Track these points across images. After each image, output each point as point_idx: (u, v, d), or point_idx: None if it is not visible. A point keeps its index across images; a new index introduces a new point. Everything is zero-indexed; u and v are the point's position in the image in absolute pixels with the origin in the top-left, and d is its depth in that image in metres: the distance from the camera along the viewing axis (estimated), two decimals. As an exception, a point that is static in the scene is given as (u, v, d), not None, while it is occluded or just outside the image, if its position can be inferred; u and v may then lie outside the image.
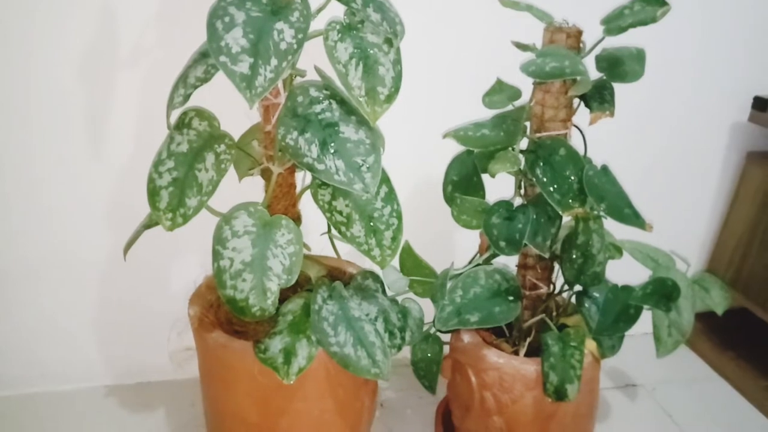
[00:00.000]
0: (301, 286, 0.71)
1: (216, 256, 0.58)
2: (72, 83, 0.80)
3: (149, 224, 0.63)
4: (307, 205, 0.68)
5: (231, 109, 0.61)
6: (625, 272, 0.76)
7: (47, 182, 0.84)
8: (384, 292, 0.73)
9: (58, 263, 0.88)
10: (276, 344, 0.62)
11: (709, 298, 0.82)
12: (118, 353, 0.94)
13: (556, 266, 0.74)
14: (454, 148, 0.73)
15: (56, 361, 0.93)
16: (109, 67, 0.80)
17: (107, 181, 0.85)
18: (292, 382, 0.59)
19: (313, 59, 0.62)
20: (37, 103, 0.80)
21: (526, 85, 0.67)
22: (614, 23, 0.57)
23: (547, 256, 0.68)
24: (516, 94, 0.70)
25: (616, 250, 0.80)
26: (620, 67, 0.60)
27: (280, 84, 0.59)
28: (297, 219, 0.70)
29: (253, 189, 0.70)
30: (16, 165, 0.83)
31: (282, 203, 0.67)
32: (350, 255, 0.77)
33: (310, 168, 0.55)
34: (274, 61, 0.49)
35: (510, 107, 0.70)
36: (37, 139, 0.82)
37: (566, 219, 0.68)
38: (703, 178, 1.05)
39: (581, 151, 0.66)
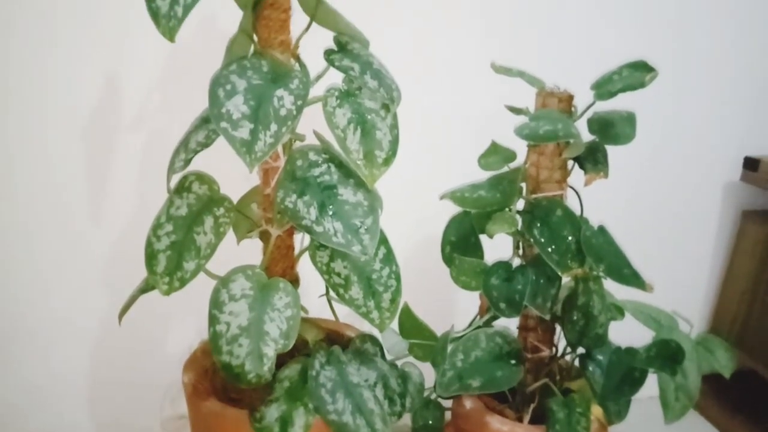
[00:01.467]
0: (298, 350, 0.70)
1: (212, 320, 0.57)
2: (74, 144, 0.81)
3: (145, 289, 0.62)
4: (305, 267, 0.68)
5: (231, 172, 0.62)
6: (628, 332, 0.75)
7: (45, 243, 0.83)
8: (383, 356, 0.71)
9: (50, 326, 0.86)
10: (272, 413, 0.60)
11: (715, 360, 0.80)
12: (109, 419, 0.91)
13: (558, 328, 0.73)
14: (452, 208, 0.74)
15: (44, 426, 0.89)
16: (112, 130, 0.81)
17: (105, 244, 0.85)
18: (288, 453, 0.57)
19: (312, 123, 0.64)
20: (38, 162, 0.81)
21: (520, 146, 0.69)
22: (604, 88, 0.59)
23: (547, 317, 0.67)
24: (511, 156, 0.71)
25: (618, 310, 0.79)
26: (612, 130, 0.61)
27: (279, 148, 0.60)
28: (295, 281, 0.69)
29: (251, 250, 0.70)
30: (15, 224, 0.83)
31: (280, 265, 0.67)
32: (348, 317, 0.76)
33: (309, 230, 0.56)
34: (273, 127, 0.50)
35: (505, 168, 0.71)
36: (38, 200, 0.82)
37: (566, 279, 0.68)
38: (701, 237, 1.06)
39: (578, 212, 0.66)
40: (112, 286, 0.86)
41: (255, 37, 0.57)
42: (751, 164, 0.99)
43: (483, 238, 0.74)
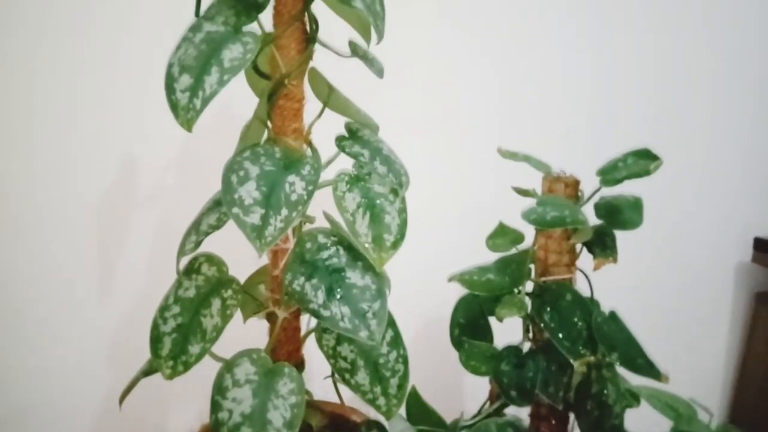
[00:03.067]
0: (302, 437, 0.67)
1: (214, 407, 0.56)
2: (87, 219, 0.82)
3: (148, 371, 0.61)
4: (310, 346, 0.67)
5: (240, 250, 0.62)
6: (644, 418, 0.72)
7: (50, 317, 0.83)
8: (390, 444, 0.69)
9: (50, 405, 0.84)
10: (272, 507, 0.57)
11: (738, 453, 0.76)
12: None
13: (572, 415, 0.70)
14: (460, 287, 0.73)
15: None
16: (125, 207, 0.83)
17: (112, 321, 0.84)
18: None
19: (322, 204, 0.64)
20: (48, 234, 0.82)
21: (528, 226, 0.69)
22: (610, 175, 0.60)
23: (560, 408, 0.65)
24: (519, 237, 0.71)
25: (633, 397, 0.76)
26: (619, 215, 0.62)
27: (289, 230, 0.60)
28: (301, 364, 0.68)
29: (257, 329, 0.69)
30: (21, 296, 0.83)
31: (286, 348, 0.66)
32: (354, 400, 0.74)
33: (316, 314, 0.55)
34: (284, 212, 0.51)
35: (513, 250, 0.71)
36: (46, 273, 0.83)
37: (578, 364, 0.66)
38: (715, 320, 1.04)
39: (587, 295, 0.65)
40: (116, 364, 0.85)
41: (269, 124, 0.58)
42: (761, 245, 0.99)
43: (492, 319, 0.73)
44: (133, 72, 0.83)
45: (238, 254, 0.63)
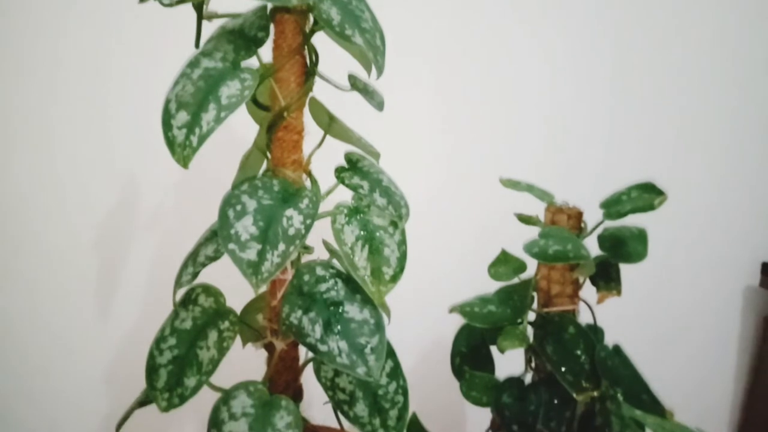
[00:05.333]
0: (300, 465, 0.67)
1: (210, 440, 0.55)
2: (87, 244, 0.82)
3: (144, 402, 0.61)
4: (308, 372, 0.66)
5: (238, 278, 0.62)
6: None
7: (49, 340, 0.83)
8: (389, 474, 0.68)
9: (50, 426, 0.84)
10: None
11: (746, 485, 0.75)
12: None
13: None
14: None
15: None
16: (125, 231, 0.83)
17: (110, 346, 0.84)
18: None
19: (321, 233, 0.64)
20: (48, 255, 0.82)
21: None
22: (613, 208, 0.59)
23: (563, 443, 0.63)
24: (521, 266, 0.70)
25: (639, 426, 0.75)
26: (623, 248, 0.60)
27: (288, 262, 0.59)
28: (299, 394, 0.67)
29: (254, 356, 0.68)
30: (20, 319, 0.83)
31: (284, 377, 0.65)
32: (354, 429, 0.73)
33: (313, 349, 0.54)
34: (281, 246, 0.51)
35: (516, 279, 0.70)
36: (45, 295, 0.83)
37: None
38: (722, 346, 1.02)
39: (591, 323, 0.64)
40: (113, 393, 0.84)
41: (268, 155, 0.58)
42: (770, 270, 0.97)
43: (494, 348, 0.72)
44: (135, 96, 0.83)
45: (235, 280, 0.63)
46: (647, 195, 0.57)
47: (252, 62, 0.51)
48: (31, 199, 0.81)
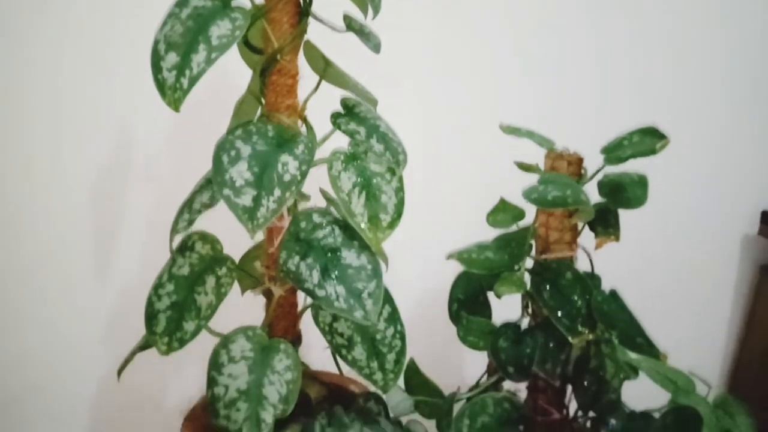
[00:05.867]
0: (300, 407, 0.68)
1: (211, 382, 0.56)
2: (81, 197, 0.82)
3: (144, 346, 0.62)
4: (308, 318, 0.67)
5: (235, 228, 0.62)
6: (642, 389, 0.72)
7: (48, 295, 0.84)
8: (387, 415, 0.70)
9: (53, 379, 0.86)
10: (271, 478, 0.58)
11: (734, 425, 0.77)
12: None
13: (570, 388, 0.71)
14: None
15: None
16: (120, 184, 0.82)
17: (109, 298, 0.85)
18: None
19: (318, 181, 0.63)
20: (43, 213, 0.82)
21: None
22: (614, 153, 0.58)
23: (557, 384, 0.65)
24: (520, 214, 0.70)
25: (632, 370, 0.76)
26: (623, 194, 0.60)
27: (284, 209, 0.59)
28: (298, 339, 0.68)
29: (255, 303, 0.69)
30: (18, 277, 0.83)
31: (283, 323, 0.66)
32: (353, 371, 0.75)
33: (311, 294, 0.55)
34: (277, 192, 0.50)
35: (514, 227, 0.70)
36: (42, 252, 0.83)
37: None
38: (718, 293, 1.03)
39: (589, 272, 0.65)
40: (114, 339, 0.86)
41: (262, 100, 0.57)
42: (769, 218, 0.97)
43: (491, 295, 0.73)
44: (126, 46, 0.80)
45: (233, 231, 0.63)
46: (649, 139, 0.56)
47: (243, 2, 0.49)
48: (20, 157, 0.80)
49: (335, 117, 0.57)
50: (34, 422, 0.87)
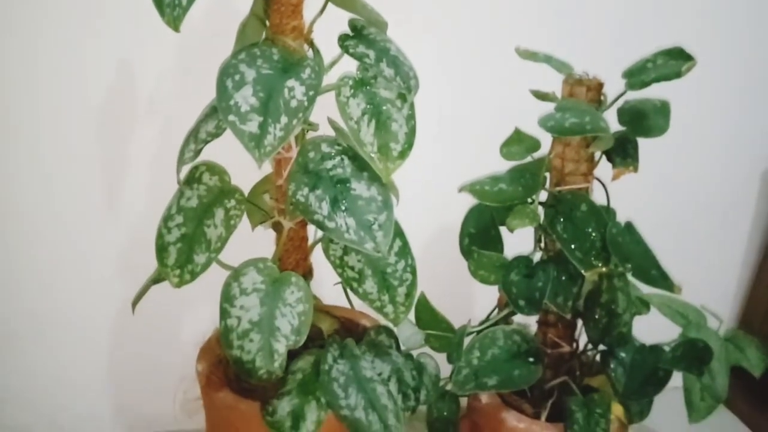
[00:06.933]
0: (312, 340, 0.69)
1: (223, 314, 0.57)
2: (87, 133, 0.80)
3: (157, 279, 0.62)
4: (320, 253, 0.67)
5: (243, 161, 0.60)
6: (653, 325, 0.72)
7: (59, 232, 0.84)
8: (398, 348, 0.70)
9: (66, 315, 0.87)
10: (284, 406, 0.59)
11: (745, 358, 0.77)
12: (128, 404, 0.92)
13: (580, 322, 0.71)
14: (471, 197, 0.71)
15: (65, 412, 0.91)
16: (125, 118, 0.80)
17: (120, 233, 0.85)
18: (300, 449, 0.57)
19: (326, 110, 0.61)
20: (50, 151, 0.81)
21: (545, 133, 0.65)
22: (637, 77, 0.55)
23: (568, 317, 0.65)
24: (535, 145, 0.67)
25: (643, 304, 0.76)
26: (644, 121, 0.57)
27: (291, 139, 0.58)
28: (309, 273, 0.68)
29: (266, 238, 0.69)
30: (28, 214, 0.83)
31: (293, 257, 0.65)
32: (365, 305, 0.75)
33: (321, 226, 0.54)
34: (284, 119, 0.48)
35: (528, 158, 0.68)
36: (51, 189, 0.82)
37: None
38: (734, 229, 1.01)
39: (604, 204, 0.63)
40: (127, 275, 0.86)
41: (267, 22, 0.54)
42: (792, 153, 0.94)
43: (503, 229, 0.72)
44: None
45: (240, 165, 0.61)
46: (674, 61, 0.53)
47: None
48: (23, 88, 0.78)
49: (343, 39, 0.54)
50: (54, 353, 0.89)
